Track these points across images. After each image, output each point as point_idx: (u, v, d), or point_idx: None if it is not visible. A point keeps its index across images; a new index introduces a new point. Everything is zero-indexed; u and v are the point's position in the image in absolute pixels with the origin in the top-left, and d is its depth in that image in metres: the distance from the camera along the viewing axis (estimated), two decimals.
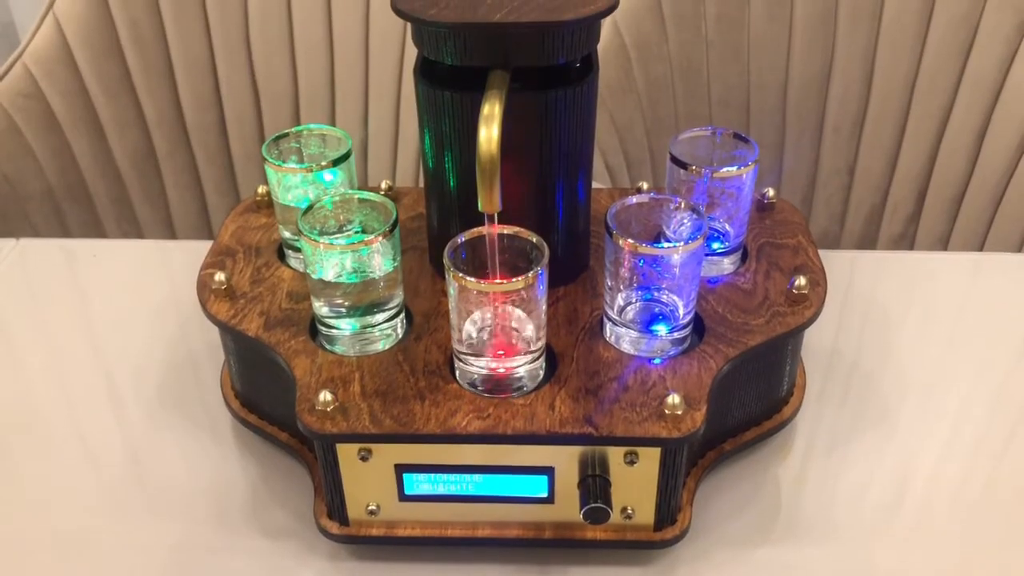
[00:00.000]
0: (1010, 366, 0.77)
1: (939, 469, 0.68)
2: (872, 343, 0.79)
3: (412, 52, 1.15)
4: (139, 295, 0.87)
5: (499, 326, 0.58)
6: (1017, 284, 0.86)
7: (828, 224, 1.30)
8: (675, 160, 0.66)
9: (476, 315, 0.58)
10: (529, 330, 0.58)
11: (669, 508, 0.60)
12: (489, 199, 0.54)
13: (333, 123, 1.23)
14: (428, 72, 0.62)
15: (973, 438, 0.71)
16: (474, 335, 0.58)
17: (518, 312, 0.57)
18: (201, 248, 0.73)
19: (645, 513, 0.60)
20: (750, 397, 0.67)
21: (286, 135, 0.69)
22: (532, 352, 0.58)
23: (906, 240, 1.26)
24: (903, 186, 1.23)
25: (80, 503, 0.67)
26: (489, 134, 0.53)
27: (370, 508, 0.61)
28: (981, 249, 1.18)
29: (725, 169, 0.65)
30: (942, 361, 0.78)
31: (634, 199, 0.62)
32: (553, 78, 0.61)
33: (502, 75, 0.57)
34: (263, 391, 0.68)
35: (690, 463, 0.64)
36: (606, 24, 1.12)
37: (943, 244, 1.23)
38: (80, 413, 0.74)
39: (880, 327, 0.81)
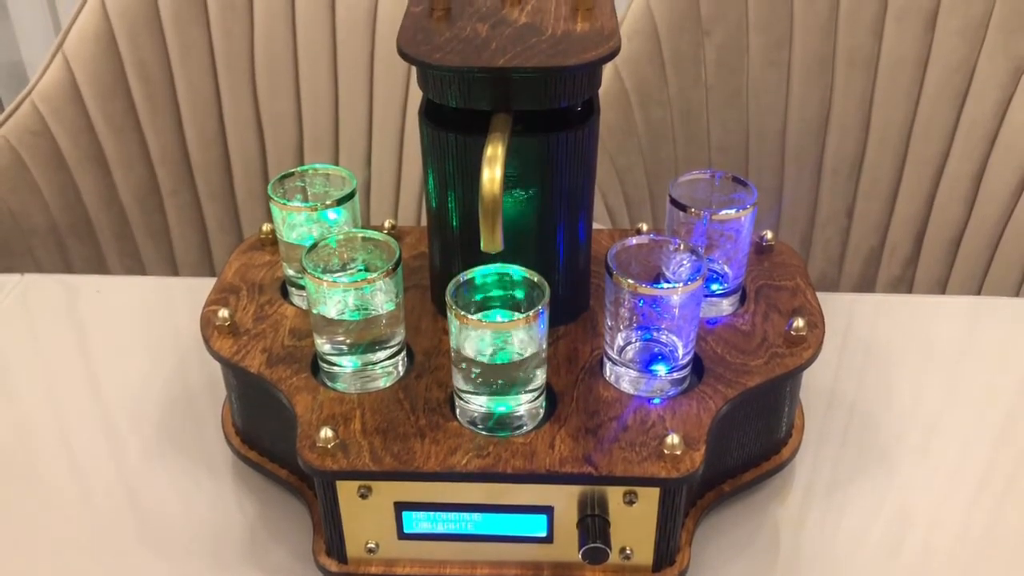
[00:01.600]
0: (1009, 409, 0.77)
1: (939, 512, 0.68)
2: (871, 385, 0.79)
3: (415, 93, 1.17)
4: (140, 331, 0.87)
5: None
6: (1016, 328, 0.87)
7: (827, 266, 1.31)
8: (674, 202, 0.67)
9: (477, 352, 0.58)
10: (528, 367, 0.58)
11: (668, 549, 0.60)
12: (491, 239, 0.54)
13: (336, 162, 1.25)
14: (433, 114, 0.63)
15: (973, 481, 0.71)
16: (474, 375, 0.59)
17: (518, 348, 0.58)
18: (202, 285, 0.74)
19: (644, 553, 0.60)
20: (749, 438, 0.67)
21: (291, 174, 0.70)
22: (532, 391, 0.59)
23: (904, 283, 1.27)
24: (901, 229, 1.24)
25: (78, 540, 0.67)
26: (492, 175, 0.53)
27: (369, 546, 0.61)
28: (979, 292, 1.19)
29: (724, 212, 0.66)
30: (941, 404, 0.78)
31: (634, 240, 0.62)
32: (555, 121, 0.62)
33: (505, 118, 0.58)
34: (264, 427, 0.69)
35: (689, 503, 0.64)
36: (607, 69, 1.13)
37: (941, 287, 1.24)
38: (79, 449, 0.75)
39: (879, 369, 0.81)
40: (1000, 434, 0.75)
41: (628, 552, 0.60)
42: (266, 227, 0.76)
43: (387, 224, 0.78)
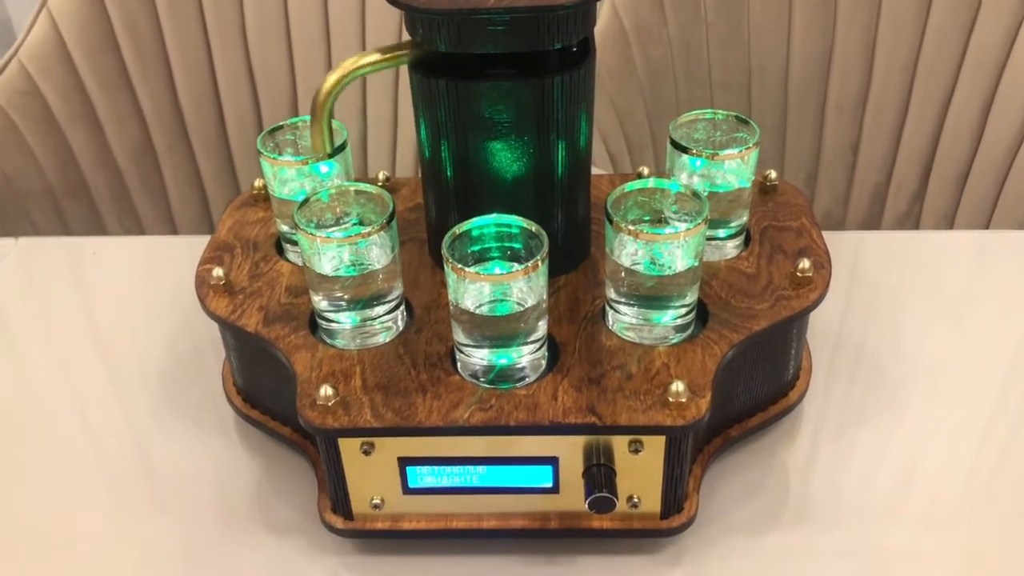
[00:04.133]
0: (1019, 344, 0.76)
1: (948, 451, 0.68)
2: (878, 324, 0.78)
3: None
4: (142, 291, 0.86)
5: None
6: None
7: (832, 205, 1.29)
8: (675, 144, 0.65)
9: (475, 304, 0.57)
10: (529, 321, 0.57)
11: (675, 496, 0.60)
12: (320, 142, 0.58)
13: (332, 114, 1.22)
14: (422, 60, 0.61)
15: (982, 419, 0.70)
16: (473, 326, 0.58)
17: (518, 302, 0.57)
18: (203, 243, 0.73)
19: (651, 501, 0.60)
20: (756, 382, 0.66)
21: (281, 127, 0.68)
22: (534, 342, 0.58)
23: (911, 219, 1.25)
24: (907, 165, 1.22)
25: (83, 499, 0.67)
26: (329, 79, 0.58)
27: (374, 502, 0.60)
28: (987, 227, 1.17)
29: (726, 152, 0.64)
30: (950, 341, 0.77)
31: (634, 184, 0.61)
32: (550, 64, 0.60)
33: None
34: (264, 386, 0.68)
35: (696, 450, 0.64)
36: (604, 8, 1.10)
37: (948, 222, 1.22)
38: (83, 410, 0.74)
39: (886, 308, 0.80)
40: (1009, 369, 0.74)
41: (635, 500, 0.59)
42: (258, 182, 0.75)
43: (381, 176, 0.77)
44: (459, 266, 0.54)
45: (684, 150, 0.65)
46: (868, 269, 0.85)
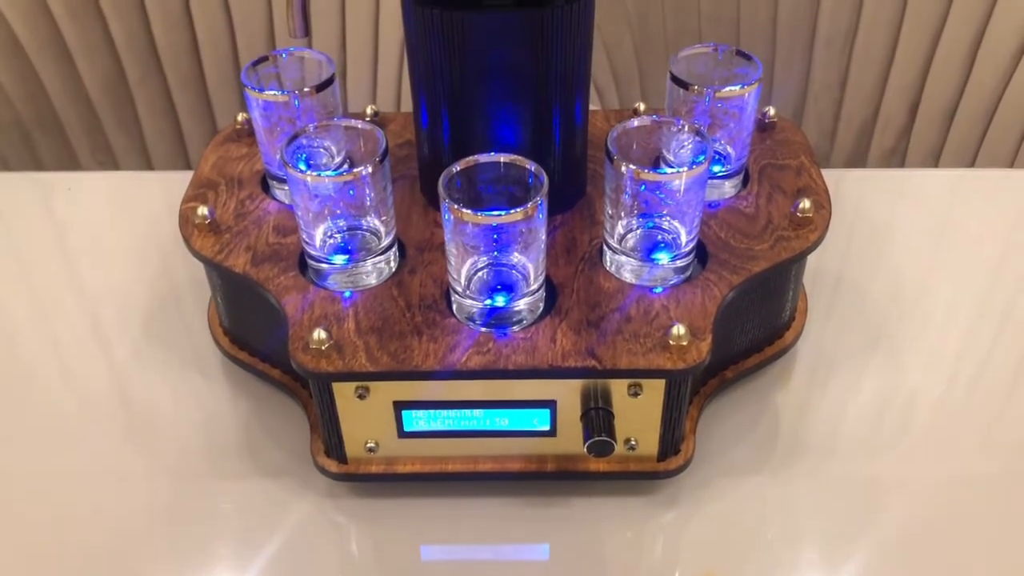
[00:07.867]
0: (1010, 284, 0.76)
1: (936, 387, 0.68)
2: (866, 261, 0.78)
3: None
4: (118, 229, 0.84)
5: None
6: (1008, 200, 0.85)
7: (819, 140, 1.28)
8: (676, 79, 0.63)
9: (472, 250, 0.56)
10: (529, 264, 0.56)
11: (673, 438, 0.59)
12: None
13: (309, 44, 1.19)
14: None
15: (972, 357, 0.70)
16: (471, 272, 0.56)
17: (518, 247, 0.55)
18: (179, 179, 0.70)
19: (649, 444, 0.59)
20: (753, 324, 0.65)
21: (265, 59, 0.65)
22: (532, 286, 0.56)
23: (897, 155, 1.24)
24: (895, 99, 1.20)
25: (68, 442, 0.66)
26: None
27: (369, 445, 0.59)
28: (973, 163, 1.16)
29: (728, 88, 0.62)
30: (935, 279, 0.76)
31: (635, 122, 0.59)
32: None
33: None
34: (253, 328, 0.66)
35: (693, 392, 0.63)
36: None
37: (935, 158, 1.21)
38: (64, 352, 0.72)
39: (870, 245, 0.79)
40: (1002, 308, 0.74)
41: (633, 443, 0.59)
42: (241, 117, 0.72)
43: (369, 111, 0.74)
44: (457, 207, 0.52)
45: (684, 85, 0.63)
46: (848, 205, 0.84)
